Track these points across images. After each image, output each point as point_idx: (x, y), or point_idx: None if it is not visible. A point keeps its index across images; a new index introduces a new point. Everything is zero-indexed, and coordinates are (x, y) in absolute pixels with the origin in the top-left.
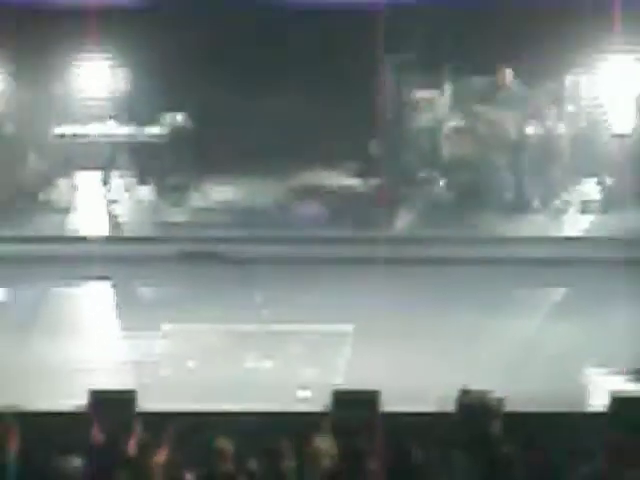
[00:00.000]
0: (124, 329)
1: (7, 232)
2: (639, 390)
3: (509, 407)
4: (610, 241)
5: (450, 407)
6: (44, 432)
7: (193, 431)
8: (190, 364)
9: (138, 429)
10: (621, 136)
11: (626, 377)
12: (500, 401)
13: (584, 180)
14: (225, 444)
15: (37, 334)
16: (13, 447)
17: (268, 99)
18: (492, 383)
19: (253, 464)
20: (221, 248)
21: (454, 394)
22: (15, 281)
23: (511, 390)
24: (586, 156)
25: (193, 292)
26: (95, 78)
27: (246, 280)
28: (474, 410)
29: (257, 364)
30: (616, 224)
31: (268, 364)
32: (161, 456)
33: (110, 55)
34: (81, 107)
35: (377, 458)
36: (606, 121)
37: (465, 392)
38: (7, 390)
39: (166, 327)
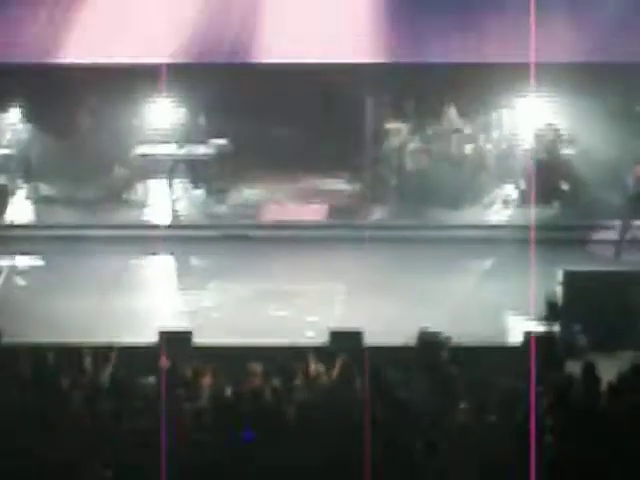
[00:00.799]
0: (182, 288)
1: (99, 221)
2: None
3: (454, 341)
4: (522, 227)
5: (413, 341)
6: (129, 359)
7: (232, 358)
8: (228, 312)
9: (193, 357)
10: (530, 151)
11: (535, 321)
12: (447, 338)
13: (505, 184)
14: (255, 367)
15: (121, 292)
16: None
17: (282, 129)
18: (442, 325)
19: (275, 381)
20: (250, 232)
21: (416, 333)
22: (104, 255)
23: (455, 330)
24: (506, 167)
25: (230, 262)
26: (162, 114)
27: (268, 254)
28: (429, 344)
29: (276, 312)
30: (527, 215)
31: (284, 312)
32: (208, 378)
33: (174, 98)
34: (153, 134)
35: (362, 378)
36: (519, 142)
37: (423, 331)
38: (101, 329)
39: (212, 286)
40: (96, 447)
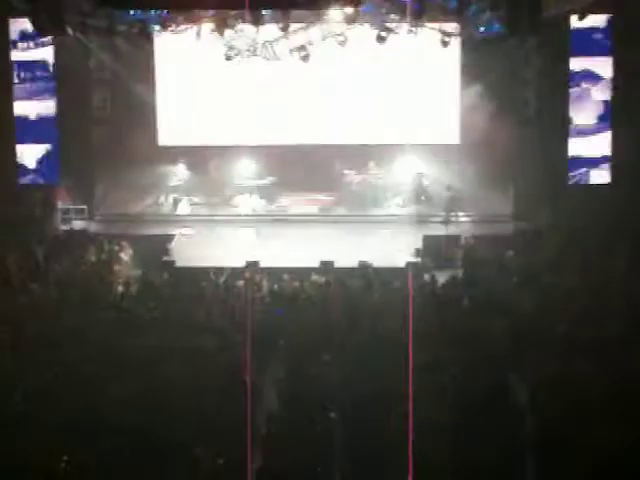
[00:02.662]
0: (255, 243)
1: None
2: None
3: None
4: (408, 216)
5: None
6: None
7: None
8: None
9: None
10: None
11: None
12: (371, 264)
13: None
14: (285, 276)
15: (228, 246)
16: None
17: (299, 173)
18: (370, 259)
19: (295, 284)
20: (285, 217)
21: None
22: (223, 229)
23: (376, 260)
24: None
25: (275, 230)
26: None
27: (291, 228)
28: (363, 267)
29: (295, 253)
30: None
31: (302, 253)
32: (266, 281)
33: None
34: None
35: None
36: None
37: (360, 261)
38: (220, 260)
39: (269, 243)
40: None
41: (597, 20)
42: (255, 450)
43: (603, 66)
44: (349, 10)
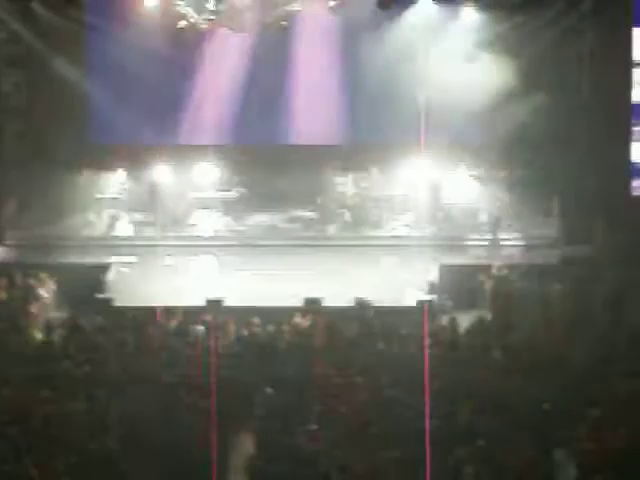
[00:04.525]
0: (217, 274)
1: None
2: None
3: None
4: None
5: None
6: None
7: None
8: (244, 287)
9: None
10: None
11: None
12: (370, 302)
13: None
14: (255, 319)
15: (182, 278)
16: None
17: (276, 182)
18: (368, 295)
19: (270, 327)
20: (257, 241)
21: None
22: (172, 255)
23: (377, 298)
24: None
25: (246, 259)
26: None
27: (267, 253)
28: (360, 306)
29: (272, 288)
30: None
31: (280, 287)
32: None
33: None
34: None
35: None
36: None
37: (357, 299)
38: (171, 298)
39: (235, 273)
40: None
41: None
42: None
43: None
44: None
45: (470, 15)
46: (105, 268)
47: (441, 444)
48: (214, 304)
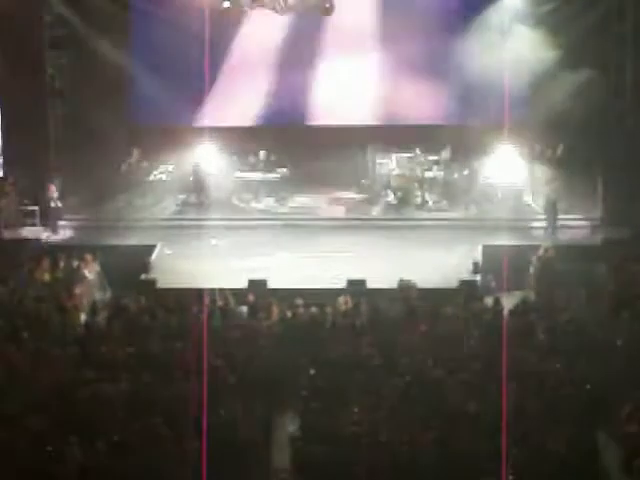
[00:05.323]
0: (262, 254)
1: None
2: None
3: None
4: (460, 219)
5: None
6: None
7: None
8: (286, 268)
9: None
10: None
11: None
12: (414, 284)
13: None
14: (299, 301)
15: (227, 257)
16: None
17: (319, 163)
18: (413, 277)
19: (314, 310)
20: (300, 222)
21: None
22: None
23: (422, 279)
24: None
25: (288, 239)
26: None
27: (310, 234)
28: (404, 287)
29: (319, 270)
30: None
31: (323, 269)
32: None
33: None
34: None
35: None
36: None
37: (401, 280)
38: (216, 280)
39: (277, 253)
40: None
41: None
42: None
43: None
44: None
45: None
46: (149, 249)
47: (484, 426)
48: (258, 285)
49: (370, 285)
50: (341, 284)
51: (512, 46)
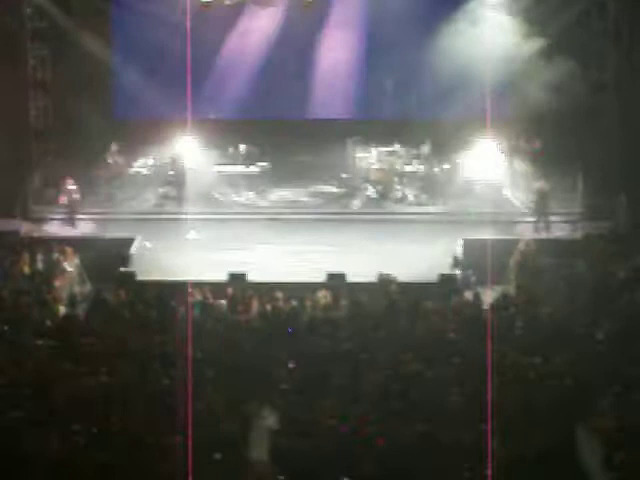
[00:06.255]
0: (240, 248)
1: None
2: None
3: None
4: (440, 214)
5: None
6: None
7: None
8: (266, 262)
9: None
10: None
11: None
12: (394, 278)
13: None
14: (279, 294)
15: (205, 250)
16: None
17: (300, 157)
18: (393, 271)
19: (293, 303)
20: (281, 216)
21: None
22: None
23: (402, 273)
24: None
25: (268, 233)
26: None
27: (290, 228)
28: (384, 281)
29: (299, 264)
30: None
31: (302, 263)
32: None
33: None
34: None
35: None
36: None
37: (381, 274)
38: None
39: (257, 247)
40: None
41: None
42: None
43: None
44: None
45: None
46: (129, 242)
47: (464, 419)
48: (237, 278)
49: (350, 279)
50: (321, 278)
51: (492, 40)
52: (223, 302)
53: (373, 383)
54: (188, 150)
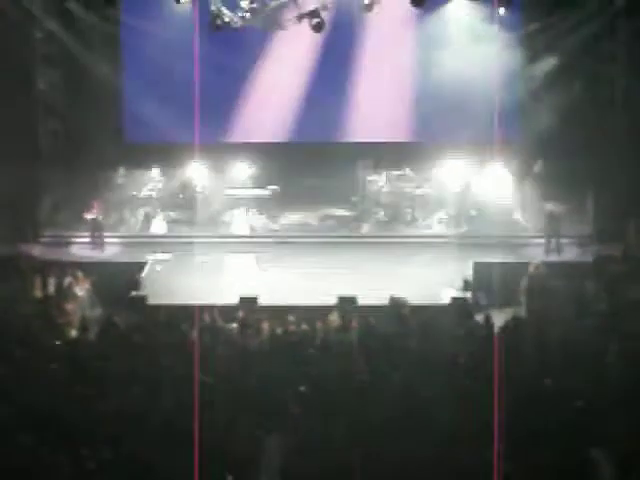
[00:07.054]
0: (252, 272)
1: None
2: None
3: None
4: (450, 236)
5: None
6: (222, 312)
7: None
8: (279, 285)
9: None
10: (457, 193)
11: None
12: (405, 300)
13: (439, 211)
14: (291, 317)
15: (217, 275)
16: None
17: (310, 180)
18: (403, 293)
19: (304, 325)
20: (291, 239)
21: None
22: (206, 253)
23: (412, 296)
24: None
25: (280, 256)
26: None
27: (301, 251)
28: (396, 304)
29: (310, 287)
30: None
31: (313, 286)
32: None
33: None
34: (236, 182)
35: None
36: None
37: (392, 297)
38: (206, 295)
39: (269, 270)
40: None
41: None
42: None
43: None
44: None
45: (503, 13)
46: (140, 266)
47: (475, 443)
48: (248, 302)
49: (361, 302)
50: (332, 301)
51: (503, 63)
52: (234, 325)
53: (384, 405)
54: (198, 174)
